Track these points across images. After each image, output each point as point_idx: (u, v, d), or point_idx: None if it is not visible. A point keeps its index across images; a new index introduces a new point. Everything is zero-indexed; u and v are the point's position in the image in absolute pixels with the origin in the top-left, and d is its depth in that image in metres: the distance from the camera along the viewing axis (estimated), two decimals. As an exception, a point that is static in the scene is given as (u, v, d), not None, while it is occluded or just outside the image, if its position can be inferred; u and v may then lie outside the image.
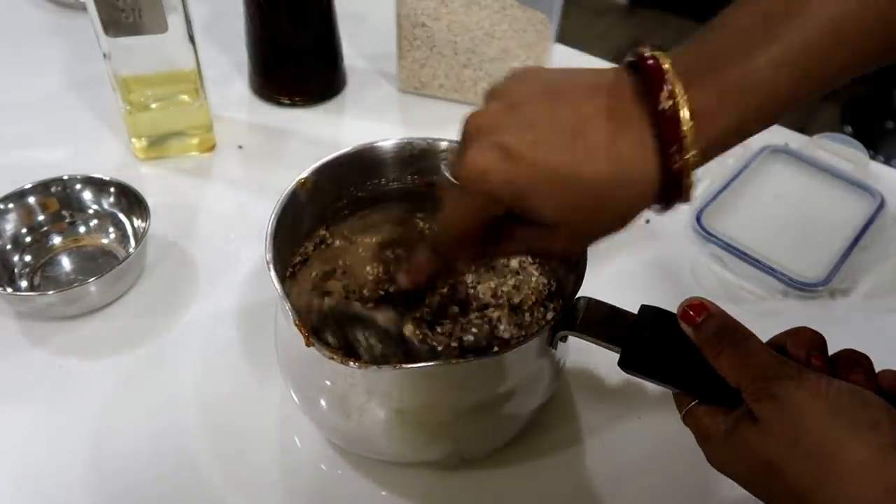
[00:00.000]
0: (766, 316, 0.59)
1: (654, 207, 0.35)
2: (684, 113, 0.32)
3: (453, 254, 0.39)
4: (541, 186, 0.33)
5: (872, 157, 0.72)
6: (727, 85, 0.33)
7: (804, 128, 0.77)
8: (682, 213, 0.67)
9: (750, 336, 0.36)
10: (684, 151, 0.32)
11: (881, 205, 0.66)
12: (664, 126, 0.32)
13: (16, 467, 0.49)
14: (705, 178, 0.69)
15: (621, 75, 0.34)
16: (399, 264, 0.52)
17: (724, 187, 0.68)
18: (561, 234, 0.35)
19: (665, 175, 0.33)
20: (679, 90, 0.32)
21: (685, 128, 0.32)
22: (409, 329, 0.48)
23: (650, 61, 0.33)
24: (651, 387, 0.41)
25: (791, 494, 0.32)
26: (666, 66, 0.33)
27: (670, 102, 0.32)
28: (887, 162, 0.76)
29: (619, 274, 0.61)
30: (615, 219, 0.35)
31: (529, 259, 0.53)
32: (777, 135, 0.76)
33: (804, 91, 0.34)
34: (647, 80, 0.33)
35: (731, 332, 0.36)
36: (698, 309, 0.37)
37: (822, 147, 0.72)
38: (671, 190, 0.34)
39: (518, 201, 0.34)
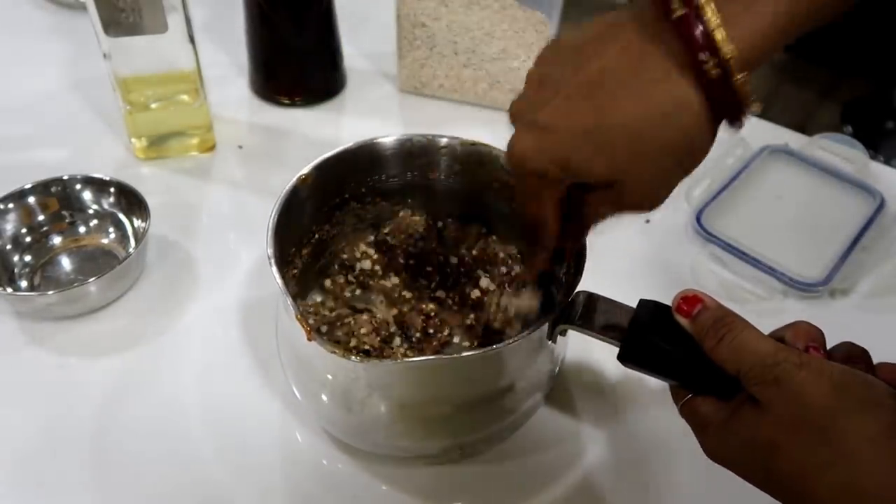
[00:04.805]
0: (766, 316, 0.59)
1: (726, 128, 0.33)
2: (706, 12, 0.30)
3: (549, 240, 0.40)
4: (578, 149, 0.33)
5: (872, 157, 0.72)
6: None
7: (804, 128, 0.77)
8: (682, 213, 0.67)
9: (747, 324, 0.36)
10: (718, 52, 0.30)
11: (881, 205, 0.66)
12: (684, 33, 0.30)
13: (16, 467, 0.49)
14: (705, 178, 0.69)
15: (634, 8, 0.32)
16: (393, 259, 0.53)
17: (724, 187, 0.68)
18: (628, 187, 0.34)
19: (708, 87, 0.31)
20: None
21: (711, 26, 0.30)
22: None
23: None
24: (650, 381, 0.41)
25: (795, 475, 0.31)
26: None
27: (684, 10, 0.30)
28: (887, 162, 0.76)
29: (618, 274, 0.61)
30: (676, 153, 0.33)
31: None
32: (777, 135, 0.76)
33: None
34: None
35: (727, 321, 0.36)
36: (692, 301, 0.37)
37: (822, 147, 0.72)
38: (725, 99, 0.31)
39: (566, 170, 0.34)
